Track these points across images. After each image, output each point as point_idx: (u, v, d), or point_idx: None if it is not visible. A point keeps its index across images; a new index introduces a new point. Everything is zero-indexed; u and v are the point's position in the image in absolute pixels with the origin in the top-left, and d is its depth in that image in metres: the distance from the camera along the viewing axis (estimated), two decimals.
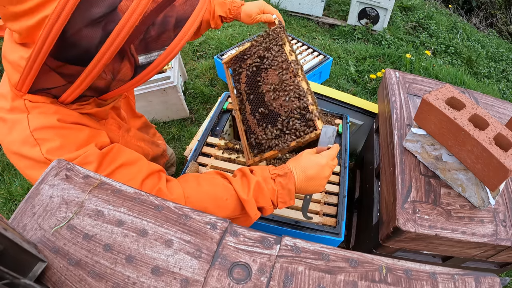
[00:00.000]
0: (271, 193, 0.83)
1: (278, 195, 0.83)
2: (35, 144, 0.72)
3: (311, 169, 0.85)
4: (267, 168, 0.86)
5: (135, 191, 0.59)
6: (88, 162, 0.73)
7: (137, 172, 0.77)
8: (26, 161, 0.74)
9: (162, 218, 0.56)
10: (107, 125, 0.94)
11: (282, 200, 0.84)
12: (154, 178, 0.79)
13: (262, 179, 0.83)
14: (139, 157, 0.81)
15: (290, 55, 1.02)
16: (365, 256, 0.53)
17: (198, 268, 0.51)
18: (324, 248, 0.54)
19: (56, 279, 0.49)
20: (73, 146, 0.74)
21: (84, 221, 0.55)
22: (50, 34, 0.62)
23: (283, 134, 0.98)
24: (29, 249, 0.46)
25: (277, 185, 0.83)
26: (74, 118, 0.77)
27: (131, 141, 1.08)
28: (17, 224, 0.54)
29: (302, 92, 0.96)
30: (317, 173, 0.86)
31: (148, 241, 0.53)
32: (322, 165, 0.86)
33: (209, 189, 0.80)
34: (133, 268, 0.50)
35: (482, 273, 0.53)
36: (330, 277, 0.51)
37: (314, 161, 0.87)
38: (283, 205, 0.85)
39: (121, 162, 0.76)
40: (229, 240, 0.55)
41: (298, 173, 0.85)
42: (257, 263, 0.51)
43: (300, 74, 0.99)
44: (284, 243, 0.54)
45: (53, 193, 0.58)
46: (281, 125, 0.98)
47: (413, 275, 0.52)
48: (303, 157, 0.88)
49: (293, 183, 0.84)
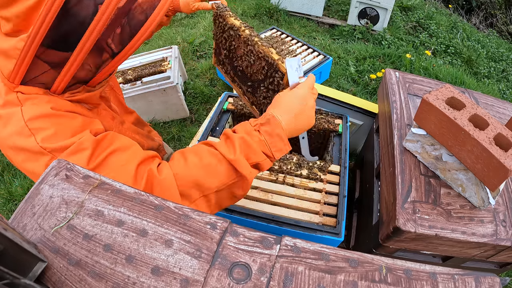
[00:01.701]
0: (260, 145, 0.77)
1: (269, 145, 0.78)
2: (30, 134, 0.72)
3: (292, 105, 0.80)
4: (248, 122, 0.81)
5: (135, 191, 0.59)
6: (82, 148, 0.72)
7: (132, 157, 0.76)
8: (22, 154, 0.74)
9: (162, 218, 0.56)
10: (101, 115, 0.94)
11: (275, 148, 0.78)
12: (149, 162, 0.78)
13: (245, 133, 0.78)
14: (134, 143, 0.80)
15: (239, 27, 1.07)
16: (365, 256, 0.53)
17: (198, 268, 0.50)
18: (324, 248, 0.54)
19: (56, 279, 0.49)
20: (68, 133, 0.74)
21: (84, 221, 0.55)
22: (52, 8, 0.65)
23: (271, 91, 1.00)
24: (29, 249, 0.46)
25: (264, 135, 0.78)
26: (67, 107, 0.78)
27: (126, 133, 1.07)
28: (17, 224, 0.54)
29: (259, 52, 0.99)
30: (300, 106, 0.80)
31: (148, 241, 0.53)
32: (302, 96, 0.81)
33: (195, 160, 0.77)
34: (133, 268, 0.50)
35: (482, 273, 0.53)
36: (330, 277, 0.50)
37: (293, 96, 0.81)
38: (280, 153, 0.79)
39: (116, 147, 0.76)
40: (229, 240, 0.55)
41: (281, 114, 0.79)
42: (257, 263, 0.51)
43: (248, 36, 1.03)
44: (284, 243, 0.54)
45: (53, 193, 0.58)
46: (264, 87, 1.02)
47: (413, 275, 0.52)
48: (280, 98, 0.83)
49: (279, 127, 0.78)
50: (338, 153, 1.47)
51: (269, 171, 1.34)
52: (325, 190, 1.30)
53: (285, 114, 0.80)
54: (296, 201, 1.26)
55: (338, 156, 1.45)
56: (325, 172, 1.36)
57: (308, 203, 1.26)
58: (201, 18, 3.41)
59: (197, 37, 3.08)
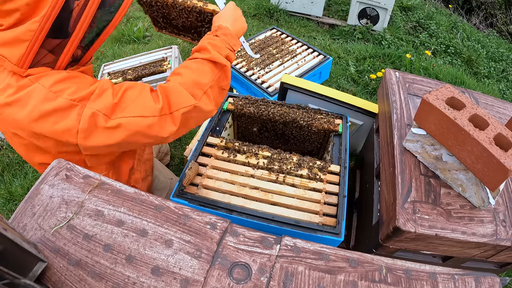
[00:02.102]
0: (223, 43, 1.04)
1: (228, 41, 1.05)
2: (56, 96, 0.83)
3: (229, 15, 1.12)
4: (205, 35, 1.08)
5: (135, 191, 0.59)
6: (105, 89, 0.87)
7: (142, 88, 0.93)
8: (53, 117, 0.82)
9: (162, 218, 0.56)
10: None
11: (232, 43, 1.06)
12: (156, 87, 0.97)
13: (209, 39, 1.04)
14: (136, 83, 0.97)
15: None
16: (365, 256, 0.53)
17: (198, 268, 0.51)
18: (324, 248, 0.54)
19: (56, 279, 0.49)
20: (87, 85, 0.87)
21: (84, 221, 0.55)
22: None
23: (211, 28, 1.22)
24: (29, 249, 0.46)
25: (221, 36, 1.05)
26: (76, 72, 0.93)
27: None
28: (17, 224, 0.54)
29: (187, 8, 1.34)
30: (235, 15, 1.12)
31: (148, 241, 0.53)
32: (233, 9, 1.14)
33: (186, 70, 0.99)
34: (133, 268, 0.50)
35: (482, 273, 0.53)
36: (330, 277, 0.50)
37: (227, 10, 1.13)
38: (237, 47, 1.08)
39: (126, 86, 0.92)
40: (229, 240, 0.55)
41: (225, 22, 1.10)
42: (257, 263, 0.51)
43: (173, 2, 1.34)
44: (284, 243, 0.54)
45: (53, 193, 0.58)
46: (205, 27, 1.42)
47: (413, 275, 0.52)
48: (220, 15, 1.13)
49: (228, 29, 1.07)
50: (338, 153, 1.47)
51: (269, 171, 1.34)
52: (325, 190, 1.30)
53: (227, 22, 1.10)
54: (296, 201, 1.26)
55: (338, 156, 1.45)
56: (325, 172, 1.36)
57: (308, 203, 1.26)
58: None
59: None
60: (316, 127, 1.59)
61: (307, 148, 1.75)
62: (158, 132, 0.90)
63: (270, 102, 1.65)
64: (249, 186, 1.30)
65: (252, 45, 2.50)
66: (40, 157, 0.94)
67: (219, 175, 1.32)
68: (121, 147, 0.94)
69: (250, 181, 1.30)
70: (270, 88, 2.16)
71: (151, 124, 0.88)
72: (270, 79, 2.24)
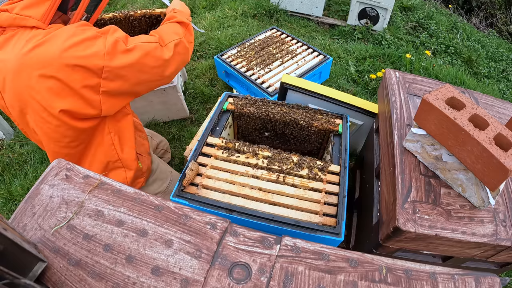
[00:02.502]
0: (182, 16, 1.38)
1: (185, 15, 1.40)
2: (84, 30, 1.06)
3: (177, 4, 1.47)
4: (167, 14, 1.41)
5: (135, 191, 0.59)
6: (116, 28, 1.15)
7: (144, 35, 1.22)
8: (83, 44, 1.04)
9: (162, 218, 0.56)
10: None
11: (187, 16, 1.42)
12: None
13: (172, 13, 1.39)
14: None
15: None
16: (365, 256, 0.53)
17: (198, 268, 0.51)
18: (324, 248, 0.54)
19: (56, 279, 0.49)
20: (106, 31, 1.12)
21: (84, 221, 0.55)
22: None
23: None
24: (29, 249, 0.46)
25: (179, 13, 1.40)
26: None
27: None
28: (17, 224, 0.54)
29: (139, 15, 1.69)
30: (181, 4, 1.48)
31: (148, 241, 0.53)
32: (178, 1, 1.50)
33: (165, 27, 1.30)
34: (133, 268, 0.50)
35: (482, 273, 0.53)
36: (330, 277, 0.50)
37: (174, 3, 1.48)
38: (189, 19, 1.42)
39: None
40: (229, 240, 0.55)
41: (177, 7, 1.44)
42: (257, 263, 0.51)
43: None
44: (284, 243, 0.54)
45: (53, 193, 0.58)
46: None
47: (413, 275, 0.52)
48: (170, 6, 1.46)
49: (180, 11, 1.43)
50: (338, 153, 1.47)
51: (269, 171, 1.34)
52: (325, 190, 1.30)
53: (177, 7, 1.44)
54: (296, 201, 1.26)
55: (338, 156, 1.45)
56: (325, 172, 1.36)
57: (308, 203, 1.26)
58: (201, 18, 3.41)
59: (197, 37, 3.08)
60: (316, 127, 1.59)
61: (307, 148, 1.75)
62: (161, 54, 1.18)
63: (270, 102, 1.65)
64: (249, 186, 1.30)
65: (252, 45, 2.50)
66: (62, 102, 1.06)
67: (219, 175, 1.32)
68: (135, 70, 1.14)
69: (250, 181, 1.30)
70: (270, 88, 2.16)
71: (156, 48, 1.17)
72: (270, 79, 2.24)
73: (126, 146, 1.32)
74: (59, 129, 1.11)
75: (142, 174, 1.44)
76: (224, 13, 3.45)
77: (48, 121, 1.09)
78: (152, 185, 1.54)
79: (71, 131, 1.14)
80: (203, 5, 3.59)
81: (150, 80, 1.21)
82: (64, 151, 1.19)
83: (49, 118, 1.09)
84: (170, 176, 1.66)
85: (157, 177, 1.58)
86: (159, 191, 1.57)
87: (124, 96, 1.19)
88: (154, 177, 1.57)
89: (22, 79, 1.03)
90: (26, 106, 1.09)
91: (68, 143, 1.17)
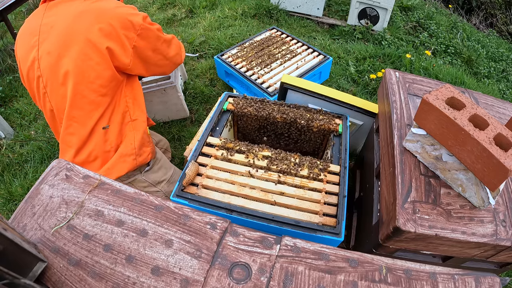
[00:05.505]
0: None
1: None
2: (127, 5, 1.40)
3: None
4: None
5: (135, 191, 0.59)
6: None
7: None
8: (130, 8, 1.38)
9: (162, 218, 0.56)
10: None
11: None
12: None
13: None
14: None
15: None
16: (365, 256, 0.53)
17: (198, 268, 0.50)
18: (324, 248, 0.54)
19: (56, 279, 0.49)
20: None
21: (84, 221, 0.55)
22: None
23: None
24: (29, 249, 0.46)
25: None
26: None
27: None
28: (17, 224, 0.54)
29: None
30: None
31: (148, 241, 0.53)
32: None
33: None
34: (133, 268, 0.50)
35: (482, 273, 0.53)
36: (330, 277, 0.50)
37: None
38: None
39: None
40: (229, 240, 0.55)
41: None
42: (257, 263, 0.51)
43: None
44: (284, 243, 0.54)
45: (53, 193, 0.58)
46: None
47: (413, 275, 0.52)
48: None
49: None
50: (338, 153, 1.47)
51: (269, 171, 1.34)
52: (325, 190, 1.30)
53: None
54: (296, 201, 1.26)
55: (338, 156, 1.45)
56: (325, 172, 1.36)
57: (308, 203, 1.26)
58: (201, 18, 3.41)
59: (197, 37, 3.08)
60: (316, 127, 1.59)
61: (307, 148, 1.75)
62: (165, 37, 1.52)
63: (270, 102, 1.65)
64: (249, 186, 1.30)
65: (252, 45, 2.50)
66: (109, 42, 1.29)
67: (219, 175, 1.32)
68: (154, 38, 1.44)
69: (250, 181, 1.30)
70: (270, 88, 2.16)
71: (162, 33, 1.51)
72: (270, 79, 2.24)
73: (137, 109, 1.50)
74: (98, 67, 1.29)
75: (149, 143, 1.51)
76: (224, 13, 3.45)
77: (91, 57, 1.28)
78: (158, 172, 1.62)
79: (107, 72, 1.31)
80: (203, 5, 3.59)
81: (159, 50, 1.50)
82: (92, 96, 1.31)
83: (94, 54, 1.28)
84: (173, 168, 1.75)
85: (162, 165, 1.66)
86: (164, 178, 1.65)
87: (141, 64, 1.44)
88: (159, 165, 1.64)
89: (81, 21, 1.27)
90: (72, 45, 1.27)
91: (99, 86, 1.31)
